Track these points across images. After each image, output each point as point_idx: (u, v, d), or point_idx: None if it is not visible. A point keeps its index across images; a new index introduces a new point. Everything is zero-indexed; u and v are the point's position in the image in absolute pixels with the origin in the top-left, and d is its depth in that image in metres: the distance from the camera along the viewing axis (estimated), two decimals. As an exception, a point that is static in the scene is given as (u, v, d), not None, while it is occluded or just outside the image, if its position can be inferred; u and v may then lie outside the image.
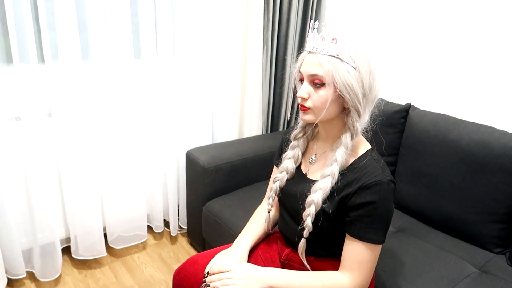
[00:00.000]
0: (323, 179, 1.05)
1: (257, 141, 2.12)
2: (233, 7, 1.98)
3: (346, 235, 1.06)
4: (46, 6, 1.54)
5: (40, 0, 1.50)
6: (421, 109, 1.78)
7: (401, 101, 1.85)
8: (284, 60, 2.22)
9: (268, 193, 1.29)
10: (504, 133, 1.48)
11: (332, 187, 1.04)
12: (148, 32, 1.83)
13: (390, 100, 1.87)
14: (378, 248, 1.04)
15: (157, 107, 1.98)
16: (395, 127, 1.78)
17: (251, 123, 2.23)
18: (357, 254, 1.03)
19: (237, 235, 1.63)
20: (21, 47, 1.51)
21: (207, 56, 2.04)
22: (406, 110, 1.77)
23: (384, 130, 1.79)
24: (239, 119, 2.24)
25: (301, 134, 1.18)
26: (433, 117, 1.67)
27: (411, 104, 1.80)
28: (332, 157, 1.05)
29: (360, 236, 1.02)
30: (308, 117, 1.05)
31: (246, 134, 2.25)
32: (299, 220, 1.10)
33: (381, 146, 1.37)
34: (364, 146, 1.09)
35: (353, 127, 1.02)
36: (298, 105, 1.08)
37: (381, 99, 1.88)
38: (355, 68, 0.98)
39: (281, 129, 2.38)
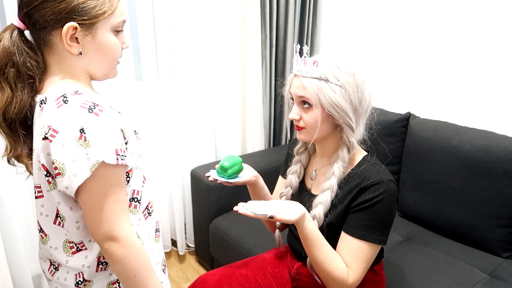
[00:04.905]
0: (322, 193, 1.07)
1: (261, 156, 2.14)
2: (231, 25, 2.02)
3: (342, 231, 1.05)
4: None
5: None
6: (421, 117, 1.80)
7: (401, 110, 1.87)
8: (283, 75, 2.26)
9: None
10: (504, 137, 1.50)
11: (333, 200, 1.05)
12: (148, 54, 1.87)
13: (390, 110, 1.89)
14: (372, 247, 1.01)
15: (160, 127, 2.00)
16: (397, 136, 1.79)
17: (253, 139, 2.25)
18: (352, 251, 1.01)
19: (245, 252, 1.64)
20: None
21: (207, 74, 2.07)
22: (406, 119, 1.79)
23: (385, 140, 1.80)
24: (242, 135, 2.26)
25: (302, 149, 1.21)
26: (434, 125, 1.69)
27: (411, 113, 1.82)
28: (330, 170, 1.06)
29: (353, 232, 1.01)
30: (303, 137, 1.08)
31: (249, 150, 2.27)
32: None
33: (386, 154, 1.38)
34: (360, 154, 1.10)
35: (349, 142, 1.04)
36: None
37: (381, 109, 1.90)
38: (340, 86, 0.99)
39: (283, 143, 2.39)
